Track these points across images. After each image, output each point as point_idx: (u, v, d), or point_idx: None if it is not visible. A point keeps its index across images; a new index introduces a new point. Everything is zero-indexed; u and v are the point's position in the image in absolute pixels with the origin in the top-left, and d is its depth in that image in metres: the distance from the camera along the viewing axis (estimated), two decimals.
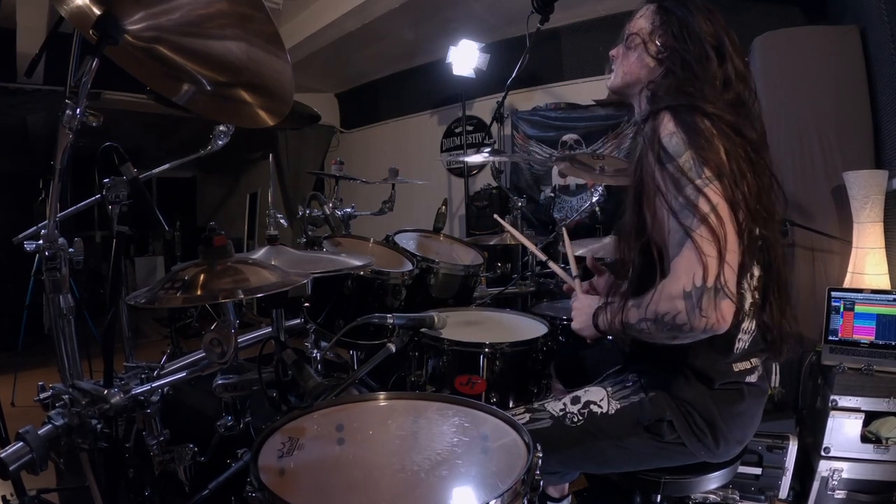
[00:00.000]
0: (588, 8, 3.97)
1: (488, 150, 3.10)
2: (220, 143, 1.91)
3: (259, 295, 1.06)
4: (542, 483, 0.93)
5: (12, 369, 3.63)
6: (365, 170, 4.76)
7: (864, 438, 1.96)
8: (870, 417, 1.96)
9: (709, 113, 1.06)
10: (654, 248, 1.12)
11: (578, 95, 4.16)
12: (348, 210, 2.44)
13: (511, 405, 1.54)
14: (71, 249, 1.33)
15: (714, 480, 1.29)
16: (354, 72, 5.68)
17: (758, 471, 2.09)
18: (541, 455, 0.95)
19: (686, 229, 1.01)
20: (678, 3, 1.21)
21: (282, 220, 1.83)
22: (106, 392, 1.15)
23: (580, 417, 1.23)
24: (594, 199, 2.86)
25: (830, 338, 2.17)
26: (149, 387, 1.26)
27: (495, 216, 2.01)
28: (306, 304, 1.83)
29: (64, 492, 1.73)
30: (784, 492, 2.10)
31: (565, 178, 4.02)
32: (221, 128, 1.88)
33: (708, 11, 1.19)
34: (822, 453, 2.01)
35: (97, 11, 1.15)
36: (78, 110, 1.15)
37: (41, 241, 1.29)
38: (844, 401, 1.97)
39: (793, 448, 2.06)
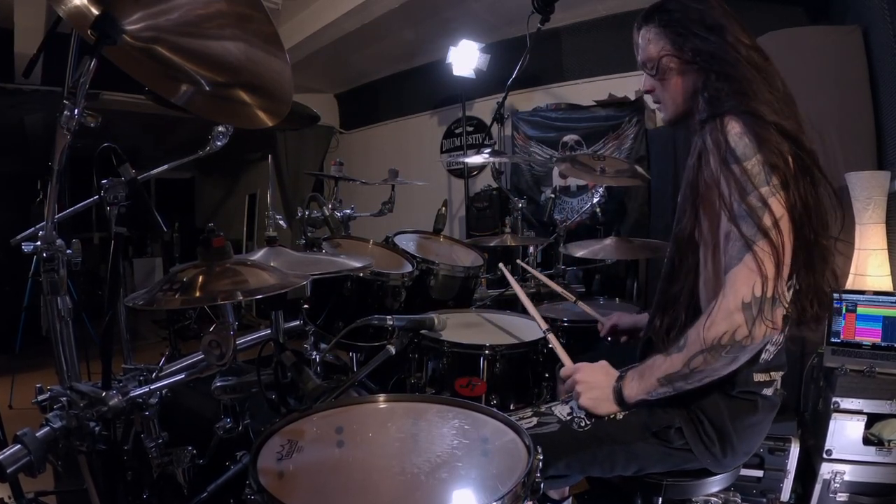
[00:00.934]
0: (589, 8, 3.97)
1: (488, 150, 3.09)
2: (218, 143, 1.90)
3: (258, 297, 1.06)
4: (542, 485, 0.93)
5: (10, 371, 3.62)
6: (364, 171, 4.76)
7: (867, 441, 1.95)
8: (872, 420, 1.95)
9: (772, 121, 1.05)
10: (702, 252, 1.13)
11: (579, 96, 4.16)
12: (348, 211, 2.43)
13: (511, 407, 1.53)
14: (69, 251, 1.33)
15: (716, 483, 1.28)
16: (354, 72, 5.68)
17: (759, 473, 2.08)
18: (541, 457, 0.95)
19: (748, 240, 1.01)
20: (667, 10, 1.21)
21: (281, 222, 1.82)
22: (104, 394, 1.14)
23: (588, 422, 1.22)
24: (595, 200, 2.86)
25: (832, 339, 2.16)
26: (147, 389, 1.25)
27: (501, 266, 2.04)
28: (305, 306, 1.82)
29: (62, 494, 1.72)
30: (786, 494, 2.09)
31: (566, 178, 4.02)
32: (220, 128, 1.87)
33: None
34: (824, 456, 2.00)
35: (95, 11, 1.14)
36: (76, 111, 1.15)
37: (39, 243, 1.28)
38: (846, 403, 1.96)
39: (794, 450, 2.05)
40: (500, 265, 2.04)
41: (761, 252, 1.00)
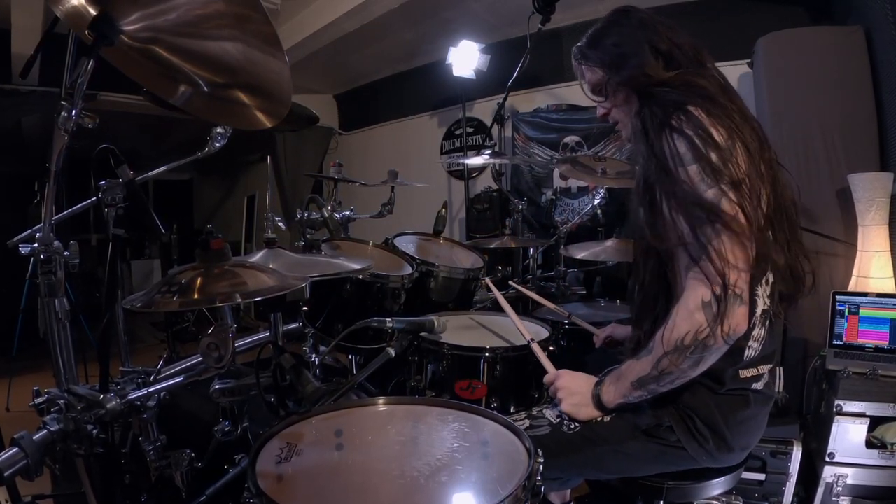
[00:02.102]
0: (589, 8, 3.96)
1: (489, 152, 3.09)
2: (217, 144, 1.89)
3: (257, 299, 1.05)
4: (542, 489, 0.92)
5: (7, 374, 3.61)
6: (364, 172, 4.75)
7: (869, 444, 1.95)
8: (875, 423, 1.95)
9: (710, 122, 1.06)
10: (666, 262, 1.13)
11: (580, 96, 4.13)
12: (347, 213, 2.43)
13: (512, 410, 1.52)
14: (66, 253, 1.31)
15: (717, 486, 1.27)
16: (353, 73, 5.68)
17: (761, 476, 2.07)
18: (542, 460, 0.94)
19: (702, 241, 1.03)
20: (591, 47, 1.28)
21: (280, 223, 1.82)
22: (102, 397, 1.13)
23: (576, 424, 1.22)
24: (596, 202, 2.85)
25: (835, 342, 2.15)
26: (145, 392, 1.25)
27: (487, 280, 2.02)
28: (305, 308, 1.81)
29: (59, 498, 1.71)
30: (788, 498, 2.08)
31: (567, 180, 4.01)
32: (219, 129, 1.86)
33: (612, 24, 1.27)
34: (827, 459, 1.99)
35: (93, 12, 1.13)
36: (73, 112, 1.14)
37: (36, 245, 1.27)
38: (849, 406, 1.95)
39: (797, 454, 2.04)
40: (487, 279, 2.04)
41: (716, 251, 1.02)
